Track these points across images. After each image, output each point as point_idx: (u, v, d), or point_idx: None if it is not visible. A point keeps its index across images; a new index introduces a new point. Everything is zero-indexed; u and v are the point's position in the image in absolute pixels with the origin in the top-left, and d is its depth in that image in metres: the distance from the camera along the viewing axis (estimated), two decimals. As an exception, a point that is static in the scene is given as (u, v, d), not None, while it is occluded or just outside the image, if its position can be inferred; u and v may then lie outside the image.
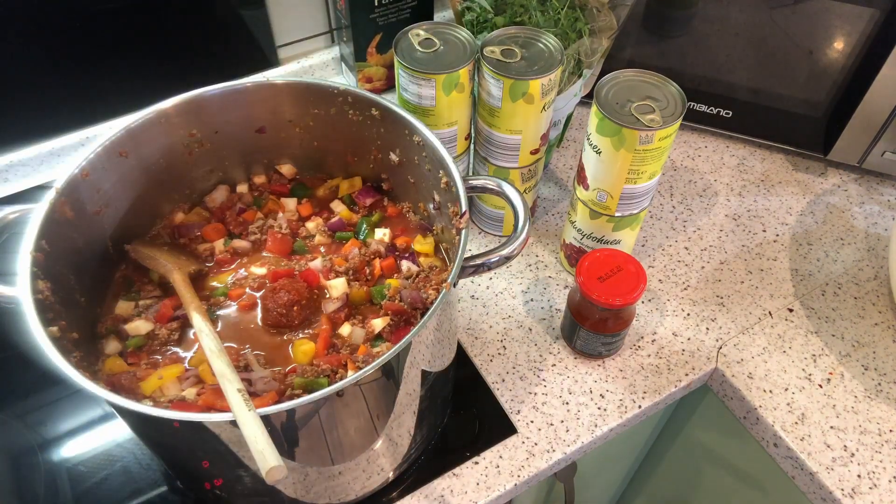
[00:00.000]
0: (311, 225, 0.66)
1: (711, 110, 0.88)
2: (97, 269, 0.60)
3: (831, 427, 0.66)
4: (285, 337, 0.58)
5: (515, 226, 0.54)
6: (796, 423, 0.66)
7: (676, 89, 0.62)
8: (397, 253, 0.64)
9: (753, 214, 0.84)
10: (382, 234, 0.65)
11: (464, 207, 0.55)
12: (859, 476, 0.63)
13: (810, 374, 0.70)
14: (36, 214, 0.52)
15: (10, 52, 0.79)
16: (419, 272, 0.62)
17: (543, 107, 0.67)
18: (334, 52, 1.01)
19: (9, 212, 0.54)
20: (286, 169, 0.70)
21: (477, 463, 0.63)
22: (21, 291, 0.48)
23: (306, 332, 0.58)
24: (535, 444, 0.64)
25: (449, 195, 0.58)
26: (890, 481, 0.63)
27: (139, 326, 0.58)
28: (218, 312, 0.59)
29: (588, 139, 0.65)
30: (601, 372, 0.69)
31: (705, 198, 0.86)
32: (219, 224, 0.66)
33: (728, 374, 0.69)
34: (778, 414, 0.67)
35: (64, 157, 0.88)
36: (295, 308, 0.57)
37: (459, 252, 0.51)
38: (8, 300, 0.48)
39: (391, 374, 0.50)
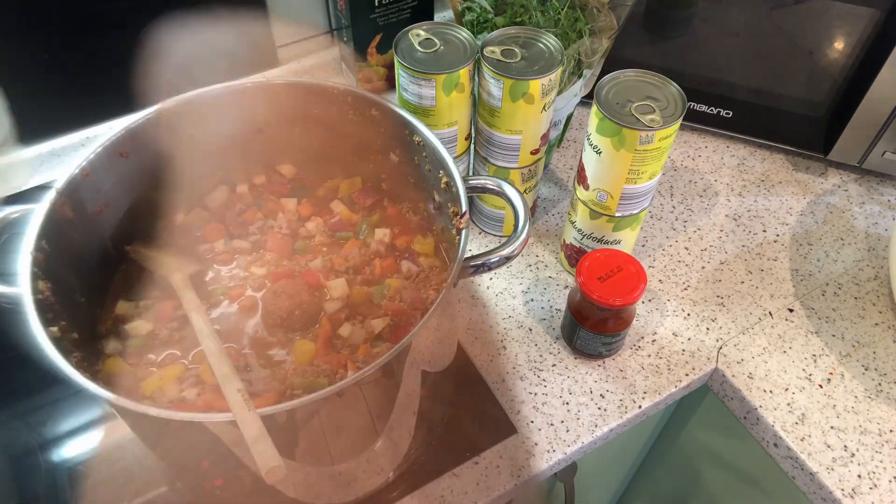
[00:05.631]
0: (311, 225, 0.66)
1: (711, 110, 0.88)
2: (97, 269, 0.60)
3: (831, 427, 0.66)
4: (285, 337, 0.58)
5: (515, 226, 0.54)
6: (796, 423, 0.66)
7: (676, 89, 0.62)
8: (397, 253, 0.64)
9: (753, 214, 0.84)
10: (382, 234, 0.65)
11: (464, 207, 0.55)
12: (859, 476, 0.63)
13: (810, 375, 0.70)
14: (36, 214, 0.52)
15: (11, 51, 0.79)
16: (419, 272, 0.62)
17: (543, 107, 0.67)
18: (334, 52, 1.01)
19: (9, 212, 0.54)
20: (286, 169, 0.70)
21: (477, 463, 0.63)
22: (21, 291, 0.48)
23: (307, 332, 0.58)
24: (536, 444, 0.64)
25: (449, 195, 0.58)
26: (890, 481, 0.63)
27: (139, 327, 0.58)
28: (218, 313, 0.59)
29: (588, 139, 0.65)
30: (601, 372, 0.69)
31: (705, 198, 0.86)
32: (219, 224, 0.66)
33: (728, 375, 0.69)
34: (778, 414, 0.67)
35: (64, 157, 0.88)
36: (296, 312, 0.57)
37: (459, 252, 0.51)
38: (8, 300, 0.48)
39: (391, 374, 0.50)
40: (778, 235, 0.82)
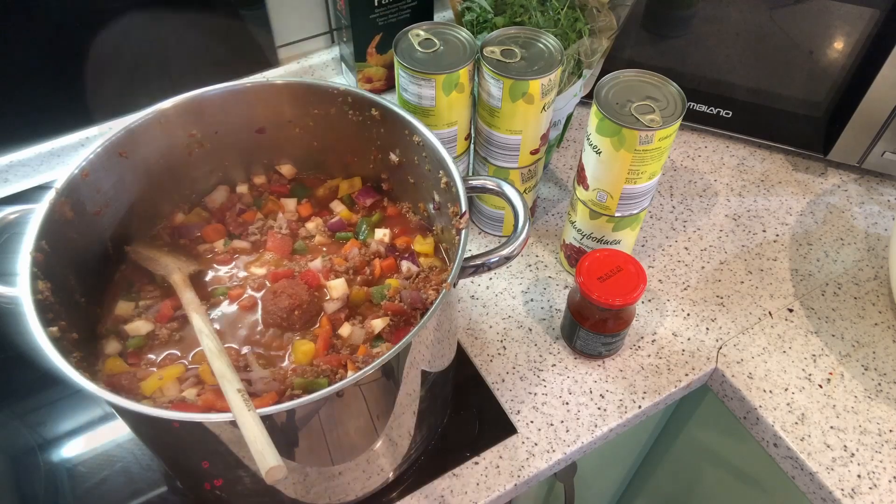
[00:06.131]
0: (311, 225, 0.66)
1: (711, 110, 0.88)
2: (97, 270, 0.60)
3: (831, 427, 0.66)
4: (285, 337, 0.58)
5: (515, 226, 0.54)
6: (796, 423, 0.66)
7: (676, 89, 0.62)
8: (397, 253, 0.64)
9: (753, 214, 0.84)
10: (382, 234, 0.65)
11: (464, 207, 0.55)
12: (859, 476, 0.63)
13: (810, 375, 0.70)
14: (36, 214, 0.52)
15: (10, 51, 0.79)
16: (419, 272, 0.62)
17: (543, 107, 0.67)
18: (334, 52, 1.01)
19: (9, 212, 0.54)
20: (286, 169, 0.70)
21: (477, 463, 0.63)
22: (21, 291, 0.48)
23: (306, 332, 0.58)
24: (535, 444, 0.64)
25: (449, 195, 0.58)
26: (890, 481, 0.63)
27: (139, 327, 0.58)
28: (218, 313, 0.59)
29: (588, 139, 0.65)
30: (601, 372, 0.69)
31: (705, 198, 0.86)
32: (219, 225, 0.66)
33: (728, 374, 0.69)
34: (778, 414, 0.67)
35: (64, 157, 0.88)
36: (296, 312, 0.57)
37: (459, 252, 0.51)
38: (8, 300, 0.48)
39: (391, 374, 0.50)
40: (778, 235, 0.82)
